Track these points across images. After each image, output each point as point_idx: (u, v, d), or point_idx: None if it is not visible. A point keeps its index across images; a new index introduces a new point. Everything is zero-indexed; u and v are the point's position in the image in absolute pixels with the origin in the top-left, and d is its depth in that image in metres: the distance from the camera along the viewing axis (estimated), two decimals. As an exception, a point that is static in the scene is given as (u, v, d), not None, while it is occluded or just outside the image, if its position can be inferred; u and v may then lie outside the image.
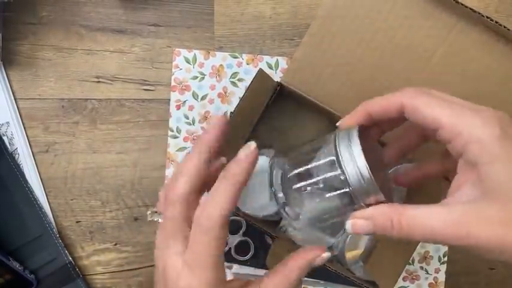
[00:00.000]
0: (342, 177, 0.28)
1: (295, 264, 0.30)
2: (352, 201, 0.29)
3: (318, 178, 0.30)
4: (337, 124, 0.32)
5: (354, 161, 0.28)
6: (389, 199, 0.29)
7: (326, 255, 0.31)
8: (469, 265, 0.55)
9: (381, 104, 0.29)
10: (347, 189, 0.28)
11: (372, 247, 0.45)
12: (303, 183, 0.31)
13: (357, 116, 0.31)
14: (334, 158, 0.29)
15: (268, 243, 0.51)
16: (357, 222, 0.28)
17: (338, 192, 0.29)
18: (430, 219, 0.25)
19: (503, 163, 0.24)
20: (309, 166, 0.31)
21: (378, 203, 0.28)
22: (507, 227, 0.23)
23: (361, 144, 0.28)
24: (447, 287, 0.54)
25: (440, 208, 0.25)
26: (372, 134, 0.33)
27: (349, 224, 0.28)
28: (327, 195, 0.30)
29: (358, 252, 0.46)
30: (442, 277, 0.54)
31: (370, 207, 0.28)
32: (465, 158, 0.25)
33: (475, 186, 0.25)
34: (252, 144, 0.29)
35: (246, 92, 0.41)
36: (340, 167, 0.28)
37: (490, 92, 0.41)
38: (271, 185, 0.32)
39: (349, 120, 0.31)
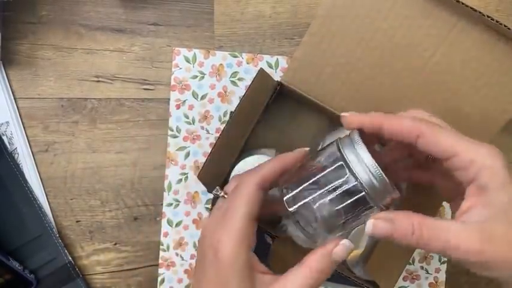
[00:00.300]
0: (354, 182, 0.28)
1: (314, 258, 0.31)
2: (367, 203, 0.29)
3: (328, 187, 0.30)
4: (342, 114, 0.32)
5: (362, 164, 0.28)
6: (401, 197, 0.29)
7: (345, 242, 0.31)
8: (469, 265, 0.55)
9: (401, 126, 0.30)
10: (362, 193, 0.28)
11: (372, 247, 0.45)
12: (313, 196, 0.31)
13: (369, 119, 0.32)
14: (341, 162, 0.29)
15: (268, 243, 0.50)
16: (379, 223, 0.29)
17: (354, 198, 0.29)
18: (448, 232, 0.27)
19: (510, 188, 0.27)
20: (317, 177, 0.31)
21: (392, 200, 0.29)
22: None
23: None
24: (447, 286, 0.54)
25: (456, 224, 0.28)
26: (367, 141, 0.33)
27: (370, 224, 0.29)
28: (341, 201, 0.30)
29: (358, 252, 0.46)
30: (442, 277, 0.54)
31: (393, 211, 0.29)
32: (477, 183, 0.28)
33: (485, 208, 0.27)
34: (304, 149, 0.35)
35: (246, 91, 0.41)
36: (350, 171, 0.28)
37: (491, 92, 0.41)
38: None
39: (358, 118, 0.32)
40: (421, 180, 0.36)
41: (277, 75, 0.53)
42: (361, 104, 0.43)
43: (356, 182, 0.29)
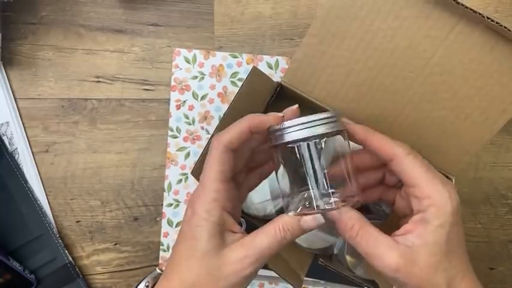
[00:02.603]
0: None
1: (284, 218, 0.33)
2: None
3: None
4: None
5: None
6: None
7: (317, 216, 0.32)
8: (468, 265, 0.55)
9: (380, 144, 0.35)
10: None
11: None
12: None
13: (356, 129, 0.36)
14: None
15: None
16: (336, 211, 0.32)
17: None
18: (379, 242, 0.31)
19: (450, 228, 0.31)
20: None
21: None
22: (433, 273, 0.31)
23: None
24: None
25: (389, 240, 0.31)
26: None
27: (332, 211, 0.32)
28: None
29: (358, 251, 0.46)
30: (441, 277, 0.54)
31: (350, 208, 0.33)
32: (423, 215, 0.32)
33: (419, 238, 0.31)
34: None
35: (239, 90, 0.41)
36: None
37: (490, 92, 0.41)
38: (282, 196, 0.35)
39: (348, 126, 0.36)
40: (385, 198, 0.40)
41: (277, 76, 0.53)
42: (361, 105, 0.43)
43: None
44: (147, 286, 0.36)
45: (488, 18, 0.37)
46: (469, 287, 0.32)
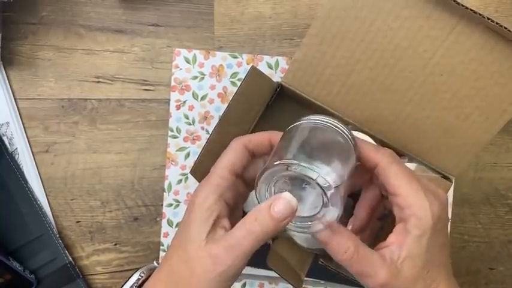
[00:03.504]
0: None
1: (253, 213, 0.31)
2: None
3: None
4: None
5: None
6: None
7: (285, 195, 0.31)
8: (469, 265, 0.55)
9: (366, 152, 0.34)
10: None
11: (372, 246, 0.45)
12: None
13: None
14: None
15: (268, 243, 0.50)
16: (323, 231, 0.32)
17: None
18: (372, 262, 0.31)
19: (430, 237, 0.31)
20: None
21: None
22: (413, 284, 0.31)
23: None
24: (447, 287, 0.54)
25: (381, 259, 0.31)
26: None
27: (316, 225, 0.32)
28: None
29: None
30: (441, 277, 0.54)
31: (340, 226, 0.32)
32: (404, 225, 0.32)
33: (401, 249, 0.31)
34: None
35: (237, 89, 0.41)
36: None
37: (491, 93, 0.41)
38: None
39: None
40: (385, 207, 0.39)
41: (277, 76, 0.53)
42: (361, 105, 0.43)
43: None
44: (142, 277, 0.36)
45: (488, 18, 0.37)
46: None
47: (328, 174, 0.29)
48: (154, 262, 0.52)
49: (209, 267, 0.31)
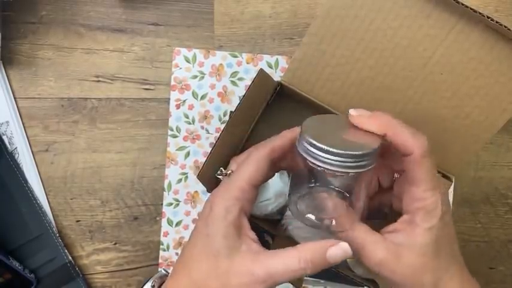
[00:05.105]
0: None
1: (309, 247, 0.31)
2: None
3: None
4: (351, 113, 0.33)
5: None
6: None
7: (342, 245, 0.31)
8: (468, 265, 0.55)
9: (402, 140, 0.32)
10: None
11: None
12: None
13: (378, 123, 0.33)
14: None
15: (268, 243, 0.50)
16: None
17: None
18: (369, 236, 0.32)
19: (439, 230, 0.31)
20: None
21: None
22: (420, 273, 0.31)
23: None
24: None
25: (380, 237, 0.32)
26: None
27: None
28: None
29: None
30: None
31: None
32: (412, 217, 0.32)
33: (408, 237, 0.31)
34: None
35: (246, 92, 0.41)
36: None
37: (491, 92, 0.41)
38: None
39: (368, 122, 0.33)
40: (383, 202, 0.39)
41: (277, 75, 0.53)
42: (361, 104, 0.43)
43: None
44: (153, 286, 0.35)
45: (488, 17, 0.37)
46: (458, 287, 0.32)
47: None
48: (162, 270, 0.52)
49: (246, 281, 0.30)
